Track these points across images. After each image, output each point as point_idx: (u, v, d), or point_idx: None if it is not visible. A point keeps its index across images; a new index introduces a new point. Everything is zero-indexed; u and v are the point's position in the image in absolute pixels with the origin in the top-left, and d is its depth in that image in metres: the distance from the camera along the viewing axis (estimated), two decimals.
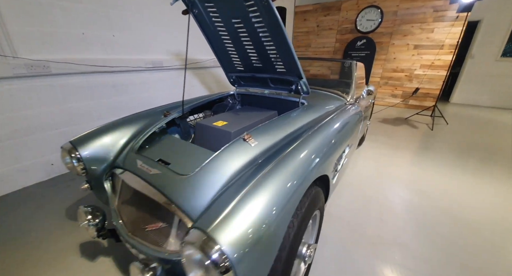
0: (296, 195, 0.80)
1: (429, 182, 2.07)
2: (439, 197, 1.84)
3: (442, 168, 2.33)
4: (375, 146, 2.90)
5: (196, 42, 3.23)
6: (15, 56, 1.76)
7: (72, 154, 1.10)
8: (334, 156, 1.16)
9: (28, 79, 1.88)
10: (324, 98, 1.73)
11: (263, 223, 0.66)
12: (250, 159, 0.91)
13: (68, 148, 1.12)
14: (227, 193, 0.75)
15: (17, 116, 1.87)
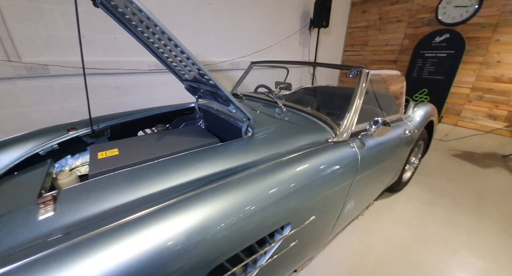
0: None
1: None
2: None
3: None
4: (426, 198, 1.88)
5: (209, 42, 2.97)
6: (15, 60, 1.90)
7: None
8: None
9: (30, 80, 2.02)
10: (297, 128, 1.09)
11: None
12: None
13: None
14: None
15: (20, 112, 2.05)
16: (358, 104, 1.14)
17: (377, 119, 1.04)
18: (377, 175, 1.30)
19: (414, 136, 1.54)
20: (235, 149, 0.86)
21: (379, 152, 1.18)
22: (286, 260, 0.87)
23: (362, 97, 1.16)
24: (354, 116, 1.11)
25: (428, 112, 1.74)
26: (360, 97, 1.15)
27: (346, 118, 1.11)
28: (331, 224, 1.05)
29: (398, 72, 1.58)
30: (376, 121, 1.03)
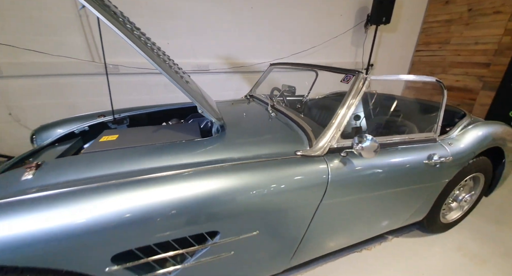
0: None
1: None
2: None
3: None
4: (476, 252, 1.39)
5: (248, 45, 3.06)
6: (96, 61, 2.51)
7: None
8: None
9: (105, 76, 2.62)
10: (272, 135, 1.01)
11: None
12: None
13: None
14: None
15: (99, 101, 2.70)
16: (344, 115, 0.95)
17: (365, 135, 0.85)
18: (376, 204, 1.06)
19: (454, 164, 1.16)
20: (194, 147, 0.89)
21: (373, 175, 0.96)
22: (226, 270, 0.85)
23: (351, 107, 0.97)
24: (338, 129, 0.94)
25: (488, 135, 1.27)
26: (348, 107, 0.97)
27: (325, 130, 0.95)
28: (290, 247, 0.94)
29: (433, 78, 1.22)
30: (361, 137, 0.85)
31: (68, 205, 0.61)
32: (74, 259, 0.61)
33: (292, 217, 0.86)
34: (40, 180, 0.72)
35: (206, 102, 1.01)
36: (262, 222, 0.80)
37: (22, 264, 0.57)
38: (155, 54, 0.92)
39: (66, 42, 2.37)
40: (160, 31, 2.62)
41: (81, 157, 0.85)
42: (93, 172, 0.74)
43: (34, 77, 2.38)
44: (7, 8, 2.06)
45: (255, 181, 0.77)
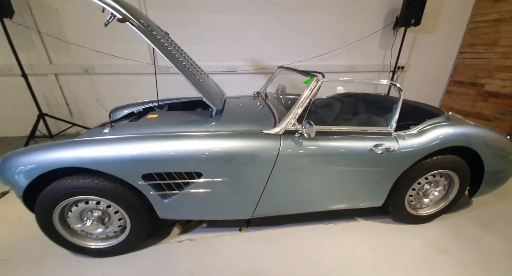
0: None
1: None
2: None
3: None
4: (440, 243, 1.50)
5: (273, 49, 3.44)
6: (155, 64, 3.29)
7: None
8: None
9: (160, 75, 3.40)
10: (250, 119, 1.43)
11: None
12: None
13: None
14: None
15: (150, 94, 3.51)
16: (299, 105, 1.27)
17: (308, 121, 1.18)
18: (326, 180, 1.34)
19: (404, 156, 1.35)
20: (197, 123, 1.38)
21: (313, 155, 1.27)
22: (208, 203, 1.30)
23: (306, 101, 1.27)
24: (293, 116, 1.27)
25: (449, 136, 1.36)
26: (304, 100, 1.28)
27: (284, 117, 1.30)
28: (252, 199, 1.33)
29: (388, 82, 1.40)
30: (306, 123, 1.18)
31: (124, 144, 1.15)
32: (125, 173, 1.15)
33: (251, 175, 1.24)
34: (112, 132, 1.30)
35: (211, 94, 1.47)
36: (230, 173, 1.22)
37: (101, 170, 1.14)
38: (176, 59, 1.40)
39: (135, 50, 3.21)
40: (200, 40, 3.26)
41: (135, 123, 1.43)
42: (139, 130, 1.30)
43: (112, 74, 3.31)
44: (98, 25, 2.95)
45: (227, 145, 1.20)
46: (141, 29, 1.23)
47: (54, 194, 1.14)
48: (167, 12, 3.07)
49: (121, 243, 1.34)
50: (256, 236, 1.54)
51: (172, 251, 1.42)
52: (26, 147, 1.19)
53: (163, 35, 1.59)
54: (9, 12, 2.52)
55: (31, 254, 1.38)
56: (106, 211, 1.26)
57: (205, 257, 1.38)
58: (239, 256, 1.38)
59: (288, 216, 1.68)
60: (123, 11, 1.20)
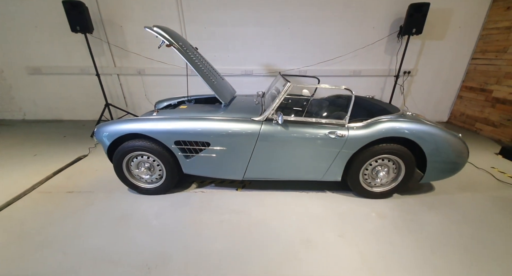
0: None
1: None
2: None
3: None
4: (379, 211, 1.95)
5: (284, 56, 4.00)
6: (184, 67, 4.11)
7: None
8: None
9: (192, 77, 4.22)
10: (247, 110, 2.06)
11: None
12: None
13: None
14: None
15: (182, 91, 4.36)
16: (278, 101, 1.84)
17: (279, 112, 1.77)
18: (296, 155, 1.90)
19: (352, 141, 1.82)
20: (210, 111, 2.07)
21: (284, 136, 1.83)
22: (214, 164, 1.98)
23: (280, 98, 1.84)
24: (272, 109, 1.85)
25: (390, 129, 1.79)
26: (279, 98, 1.85)
27: (266, 109, 1.89)
28: (242, 164, 1.95)
29: (342, 87, 1.87)
30: (279, 113, 1.77)
31: (164, 122, 1.88)
32: (164, 139, 1.88)
33: (242, 147, 1.86)
34: (158, 115, 2.06)
35: (221, 92, 2.14)
36: (227, 144, 1.86)
37: (151, 136, 1.88)
38: (199, 67, 2.09)
39: (174, 57, 4.07)
40: (224, 48, 3.99)
41: (172, 110, 2.17)
42: (174, 115, 2.03)
43: (157, 76, 4.23)
44: (149, 38, 3.85)
45: (226, 126, 1.85)
46: (180, 50, 1.95)
47: (124, 149, 1.93)
48: (199, 27, 3.85)
49: (159, 187, 2.09)
50: (247, 194, 2.18)
51: (189, 196, 2.14)
52: (110, 121, 2.00)
53: (193, 50, 2.31)
54: (91, 29, 3.55)
55: (105, 189, 2.23)
56: (152, 163, 2.02)
57: (209, 201, 2.07)
58: (232, 203, 2.04)
59: (272, 183, 2.28)
60: (169, 39, 1.94)
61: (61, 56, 4.07)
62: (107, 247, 1.58)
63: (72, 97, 4.39)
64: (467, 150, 1.96)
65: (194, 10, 3.73)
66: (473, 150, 3.20)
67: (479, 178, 2.50)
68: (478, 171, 2.65)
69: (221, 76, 2.72)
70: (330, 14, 3.71)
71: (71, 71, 4.15)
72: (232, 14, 3.75)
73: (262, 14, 3.74)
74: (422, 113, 4.44)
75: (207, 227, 1.76)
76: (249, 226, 1.78)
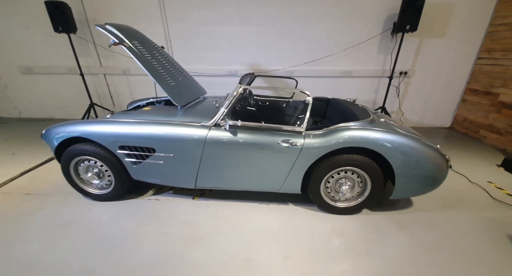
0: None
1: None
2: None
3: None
4: (344, 232, 1.73)
5: (269, 55, 3.81)
6: None
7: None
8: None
9: None
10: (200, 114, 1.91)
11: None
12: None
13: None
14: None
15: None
16: (226, 106, 1.69)
17: (226, 118, 1.61)
18: (247, 164, 1.73)
19: (308, 151, 1.63)
20: (167, 113, 1.95)
21: (232, 143, 1.68)
22: (162, 171, 1.86)
23: (232, 103, 1.68)
24: (221, 114, 1.70)
25: (353, 137, 1.59)
26: (230, 104, 1.69)
27: (215, 114, 1.73)
28: (191, 172, 1.81)
29: (297, 90, 1.67)
30: (226, 118, 1.61)
31: (109, 124, 1.78)
32: (108, 143, 1.79)
33: (189, 154, 1.73)
34: (110, 117, 1.97)
35: (175, 94, 2.01)
36: (174, 150, 1.74)
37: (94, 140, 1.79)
38: (154, 67, 1.97)
39: None
40: (208, 48, 3.87)
41: (128, 112, 2.07)
42: (125, 117, 1.93)
43: (142, 75, 4.17)
44: None
45: (173, 130, 1.72)
46: (130, 49, 1.85)
47: (70, 153, 1.85)
48: (182, 26, 3.75)
49: (109, 193, 2.00)
50: (203, 204, 2.04)
51: (142, 204, 2.03)
52: (57, 123, 1.93)
53: (152, 49, 2.20)
54: (74, 29, 3.55)
55: (63, 192, 2.17)
56: (101, 169, 1.93)
57: (161, 210, 1.95)
58: (184, 213, 1.91)
59: (234, 192, 2.13)
60: (121, 37, 1.84)
61: (50, 56, 4.13)
62: (38, 256, 1.51)
63: (62, 96, 4.45)
64: (446, 163, 1.70)
65: (177, 9, 3.64)
66: (472, 160, 2.88)
67: (470, 194, 2.21)
68: (471, 185, 2.35)
69: (188, 77, 2.60)
70: (317, 11, 3.49)
71: (60, 71, 4.20)
72: (216, 12, 3.62)
73: (246, 13, 3.59)
74: (422, 117, 4.10)
75: (148, 240, 1.64)
76: (193, 240, 1.64)
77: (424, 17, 3.35)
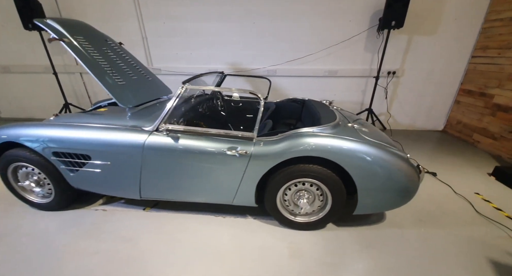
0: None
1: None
2: None
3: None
4: (299, 249, 1.52)
5: (249, 54, 3.61)
6: (150, 66, 3.88)
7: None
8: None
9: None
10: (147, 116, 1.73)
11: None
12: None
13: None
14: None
15: None
16: (170, 108, 1.50)
17: (164, 123, 1.42)
18: (192, 173, 1.54)
19: (258, 160, 1.44)
20: (115, 115, 1.77)
21: (174, 150, 1.49)
22: (102, 181, 1.67)
23: (173, 105, 1.49)
24: (162, 119, 1.50)
25: (309, 145, 1.38)
26: (170, 105, 1.50)
27: (157, 119, 1.54)
28: (133, 182, 1.63)
29: (248, 92, 1.47)
30: (165, 124, 1.42)
31: (42, 129, 1.61)
32: (41, 149, 1.61)
33: (128, 162, 1.54)
34: (53, 120, 1.80)
35: (120, 95, 1.81)
36: (111, 158, 1.56)
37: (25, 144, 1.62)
38: (93, 60, 1.78)
39: (135, 55, 3.84)
40: (186, 45, 3.69)
41: (75, 114, 1.90)
42: (69, 120, 1.75)
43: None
44: None
45: (108, 135, 1.54)
46: (69, 45, 1.67)
47: (5, 158, 1.69)
48: (159, 23, 3.58)
49: (50, 202, 1.83)
50: (152, 216, 1.85)
51: (85, 215, 1.85)
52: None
53: (101, 45, 2.03)
54: None
55: (11, 200, 2.00)
56: (39, 176, 1.77)
57: (103, 223, 1.77)
58: (127, 227, 1.72)
59: (189, 204, 1.93)
60: (63, 32, 1.68)
61: (26, 55, 4.00)
62: None
63: (40, 96, 4.32)
64: (417, 174, 1.49)
65: (151, 5, 3.46)
66: (462, 168, 2.64)
67: (453, 208, 1.98)
68: (455, 197, 2.12)
69: (148, 76, 2.41)
70: (299, 7, 3.27)
71: (36, 70, 4.07)
72: (192, 9, 3.43)
73: (225, 9, 3.39)
74: (413, 120, 3.85)
75: (75, 259, 1.46)
76: (124, 261, 1.45)
77: (413, 12, 3.12)
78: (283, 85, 3.80)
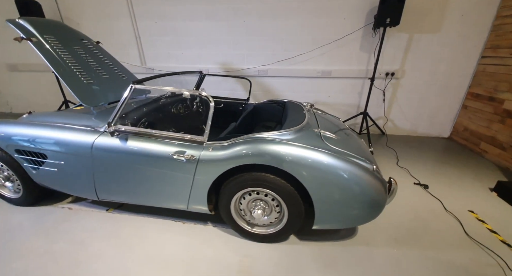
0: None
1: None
2: None
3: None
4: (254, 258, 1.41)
5: (239, 53, 3.52)
6: (143, 65, 3.91)
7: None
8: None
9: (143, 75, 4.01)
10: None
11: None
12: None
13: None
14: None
15: None
16: (119, 109, 1.44)
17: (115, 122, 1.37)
18: (142, 176, 1.49)
19: (206, 166, 1.36)
20: (81, 115, 1.77)
21: (121, 152, 1.45)
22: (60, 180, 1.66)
23: (122, 104, 1.43)
24: (113, 117, 1.45)
25: (257, 152, 1.27)
26: (121, 106, 1.44)
27: (110, 118, 1.49)
28: (88, 183, 1.60)
29: (197, 92, 1.37)
30: (110, 124, 1.38)
31: (10, 127, 1.63)
32: (5, 146, 1.63)
33: (79, 162, 1.52)
34: (26, 117, 1.82)
35: (83, 94, 1.79)
36: (64, 157, 1.54)
37: None
38: (61, 60, 1.78)
39: (129, 54, 3.90)
40: (177, 45, 3.67)
41: (46, 113, 1.92)
42: (39, 118, 1.76)
43: None
44: (103, 34, 3.72)
45: (61, 135, 1.52)
46: (37, 44, 1.68)
47: None
48: (151, 22, 3.59)
49: (21, 198, 1.86)
50: (113, 218, 1.82)
51: (50, 212, 1.86)
52: None
53: (87, 44, 2.04)
54: None
55: None
56: (8, 172, 1.79)
57: (62, 222, 1.76)
58: (84, 228, 1.70)
59: (152, 207, 1.87)
60: (32, 31, 1.69)
61: (30, 54, 4.19)
62: None
63: (44, 93, 4.53)
64: (384, 188, 1.32)
65: (144, 4, 3.48)
66: (461, 181, 2.38)
67: (438, 227, 1.76)
68: (444, 214, 1.89)
69: (124, 75, 2.39)
70: (291, 4, 3.13)
71: (40, 68, 4.26)
72: (180, 7, 3.40)
73: (213, 7, 3.33)
74: (414, 125, 3.56)
75: (23, 259, 1.45)
76: (69, 264, 1.42)
77: (413, 8, 2.88)
78: (275, 86, 3.67)
